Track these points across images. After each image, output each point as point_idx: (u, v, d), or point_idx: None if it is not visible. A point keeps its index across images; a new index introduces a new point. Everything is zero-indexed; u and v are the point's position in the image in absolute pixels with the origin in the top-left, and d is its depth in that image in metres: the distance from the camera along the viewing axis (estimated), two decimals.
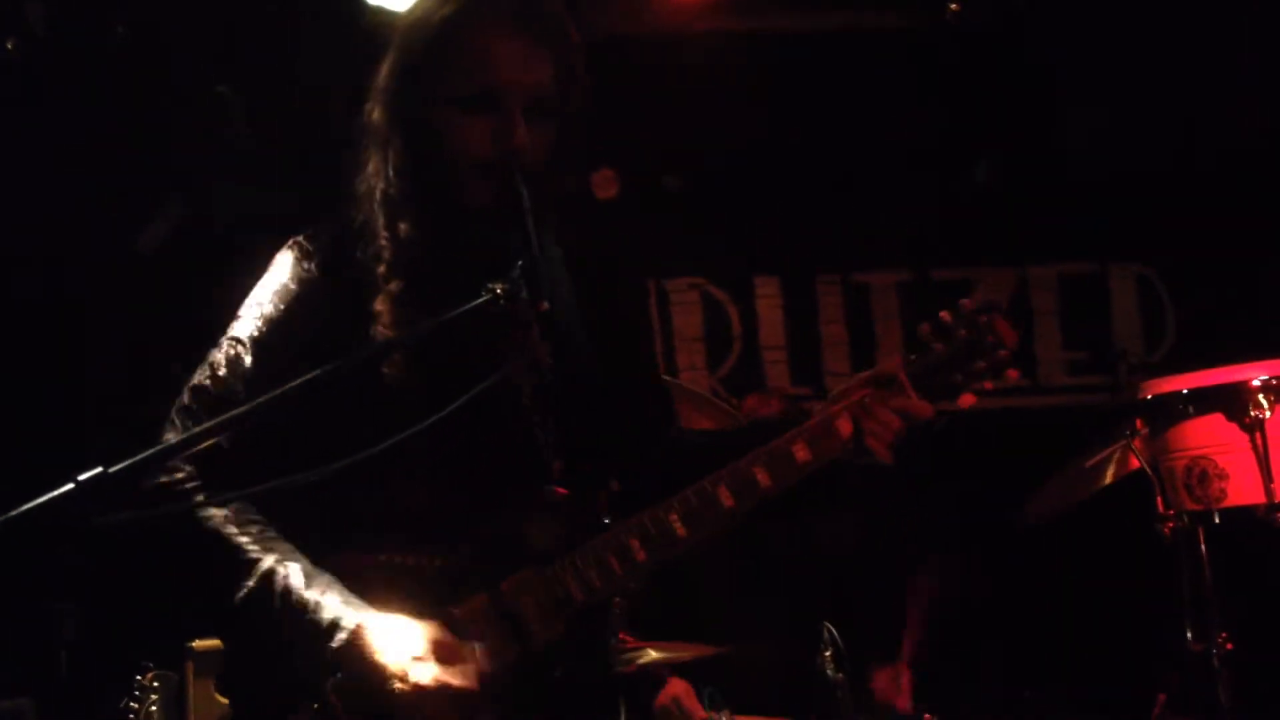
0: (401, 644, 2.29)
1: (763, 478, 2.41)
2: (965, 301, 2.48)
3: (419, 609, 2.34)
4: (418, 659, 2.28)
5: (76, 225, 5.43)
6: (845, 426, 2.43)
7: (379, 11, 5.19)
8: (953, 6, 6.16)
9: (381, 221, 2.48)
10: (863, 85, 6.49)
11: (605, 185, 6.38)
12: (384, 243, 2.47)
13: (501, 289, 2.23)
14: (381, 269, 2.45)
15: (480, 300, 2.23)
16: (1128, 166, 6.54)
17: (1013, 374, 2.45)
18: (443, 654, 2.30)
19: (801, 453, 2.42)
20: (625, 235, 6.27)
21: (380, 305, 2.43)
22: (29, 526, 1.82)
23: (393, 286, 2.43)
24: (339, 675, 2.28)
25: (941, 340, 2.46)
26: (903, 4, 6.48)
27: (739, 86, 6.36)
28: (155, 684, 3.98)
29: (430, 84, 2.46)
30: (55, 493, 1.84)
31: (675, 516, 2.40)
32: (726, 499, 2.41)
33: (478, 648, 2.33)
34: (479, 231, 2.45)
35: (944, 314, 2.47)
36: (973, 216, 6.60)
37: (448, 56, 2.45)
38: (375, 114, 2.52)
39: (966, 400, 2.44)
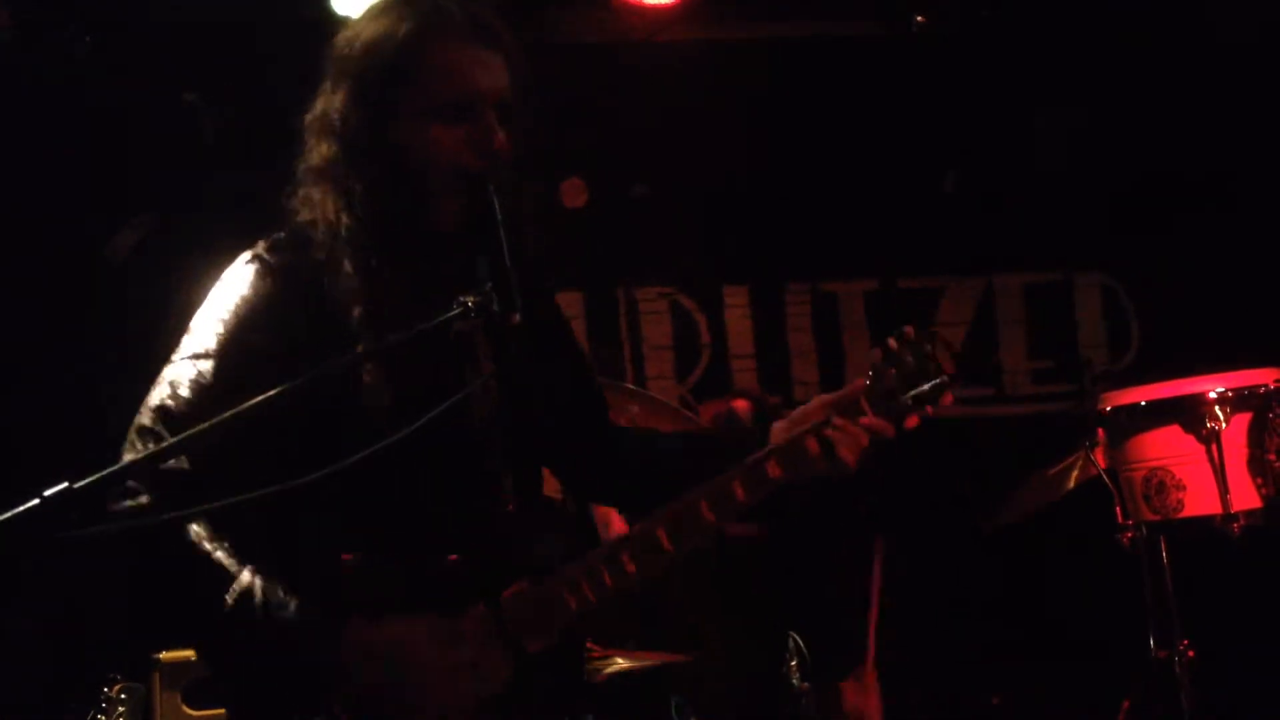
0: (405, 645, 2.31)
1: (740, 493, 2.49)
2: (908, 329, 2.61)
3: (411, 615, 2.35)
4: (425, 657, 2.31)
5: (44, 233, 5.42)
6: (813, 445, 2.53)
7: (346, 21, 5.21)
8: (918, 19, 6.20)
9: (349, 258, 2.45)
10: (830, 95, 6.53)
11: (574, 194, 6.39)
12: (356, 282, 2.44)
13: (473, 301, 2.24)
14: (358, 311, 2.42)
15: (452, 313, 2.24)
16: (1092, 177, 6.59)
17: (947, 398, 2.60)
18: (448, 651, 2.33)
19: (774, 470, 2.52)
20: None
21: (364, 348, 2.39)
22: None
23: (370, 331, 2.40)
24: (341, 685, 2.28)
25: (893, 365, 2.59)
26: (870, 14, 6.51)
27: (707, 96, 6.38)
28: (122, 695, 3.98)
29: (396, 102, 2.44)
30: (20, 508, 1.85)
31: (661, 530, 2.47)
32: (708, 513, 2.48)
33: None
34: (451, 249, 2.45)
35: (891, 340, 2.61)
36: (939, 226, 6.64)
37: (415, 71, 2.44)
38: (324, 148, 2.48)
39: (911, 422, 2.58)
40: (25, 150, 5.34)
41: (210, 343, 2.40)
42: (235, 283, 2.45)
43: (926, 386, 2.58)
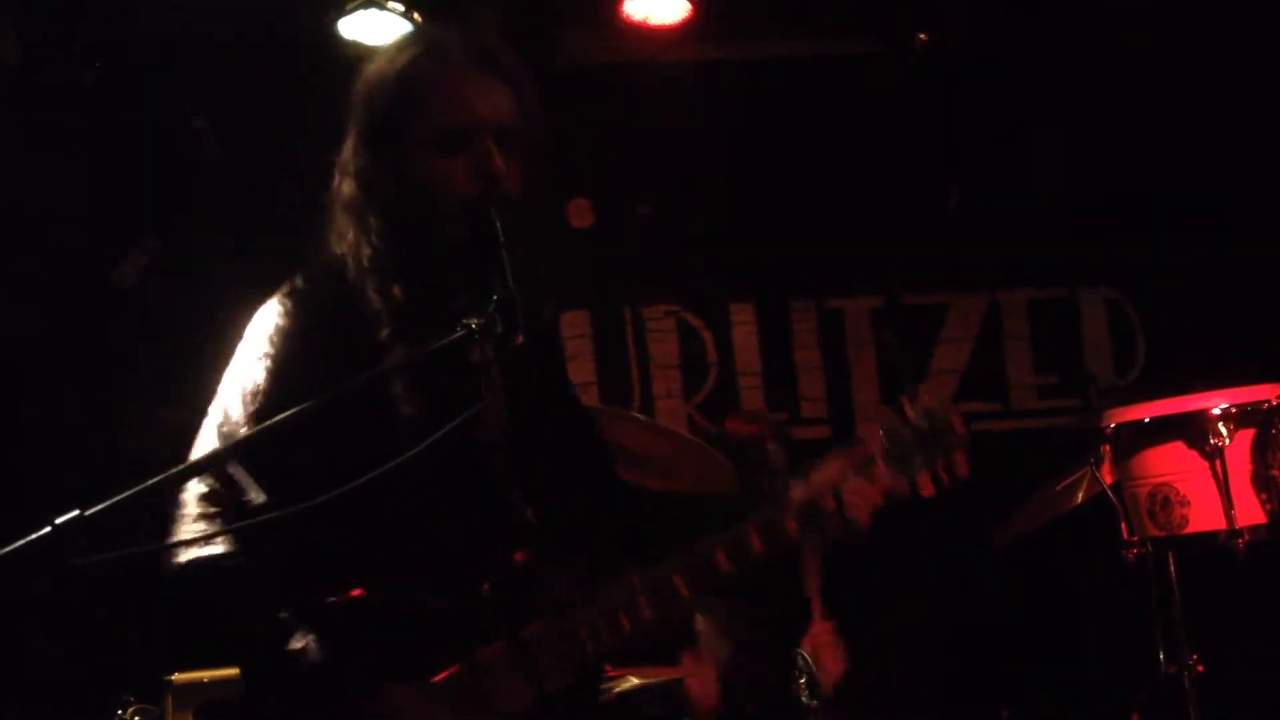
0: (437, 700, 2.37)
1: (756, 544, 2.53)
2: (922, 388, 2.63)
3: (434, 651, 2.41)
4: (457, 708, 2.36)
5: (52, 259, 5.44)
6: (830, 503, 2.55)
7: (355, 46, 5.24)
8: (921, 36, 6.23)
9: (373, 286, 2.51)
10: (835, 112, 6.55)
11: (580, 214, 6.42)
12: (379, 307, 2.50)
13: (476, 324, 2.26)
14: (384, 334, 2.48)
15: (455, 336, 2.26)
16: (1097, 191, 6.60)
17: (962, 466, 2.60)
18: (478, 698, 2.39)
19: (793, 528, 2.55)
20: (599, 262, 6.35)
21: (370, 372, 2.42)
22: (7, 571, 1.85)
23: (399, 352, 2.46)
24: None
25: (908, 427, 2.60)
26: (873, 31, 6.53)
27: (712, 114, 6.41)
28: (135, 718, 3.99)
29: (400, 136, 2.50)
30: (32, 536, 1.87)
31: (679, 578, 2.50)
32: (724, 563, 2.51)
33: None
34: (463, 273, 2.46)
35: (904, 400, 2.62)
36: (944, 242, 6.66)
37: (414, 103, 2.50)
38: (345, 187, 2.56)
39: (926, 491, 2.59)
40: (33, 174, 5.37)
41: (259, 376, 2.48)
42: (272, 315, 2.54)
43: (944, 458, 2.59)
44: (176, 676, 3.94)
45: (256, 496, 2.38)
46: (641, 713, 4.58)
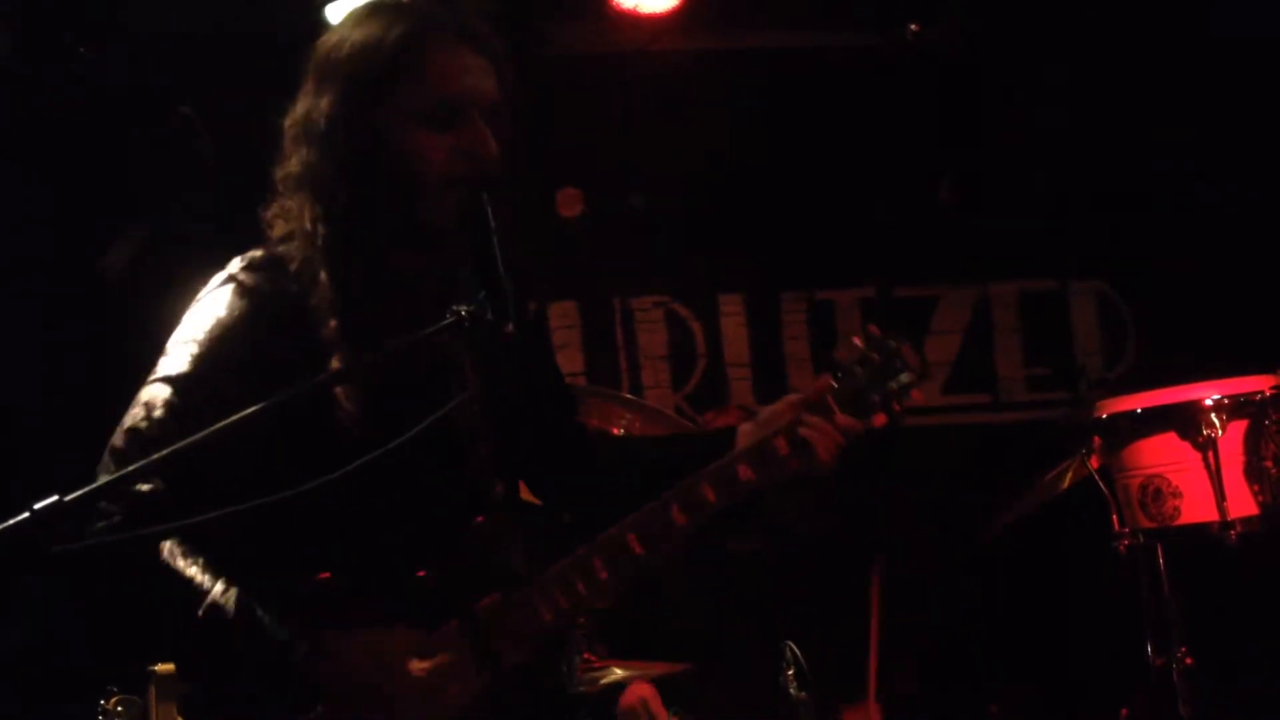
0: (380, 657, 2.31)
1: (710, 495, 2.49)
2: (873, 328, 2.63)
3: (386, 629, 2.34)
4: (400, 669, 2.31)
5: (38, 248, 5.42)
6: (782, 446, 2.53)
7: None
8: (913, 26, 6.21)
9: (324, 267, 2.42)
10: (825, 103, 6.54)
11: (570, 203, 6.39)
12: (329, 291, 2.41)
13: (466, 310, 2.20)
14: (332, 322, 2.39)
15: (444, 323, 2.20)
16: (1088, 184, 6.60)
17: (916, 395, 2.62)
18: (424, 663, 2.33)
19: (745, 473, 2.51)
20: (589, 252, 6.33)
21: (337, 362, 2.37)
22: None
23: (345, 342, 2.38)
24: (315, 697, 2.27)
25: (860, 364, 2.59)
26: (865, 23, 6.52)
27: (703, 105, 6.39)
28: (119, 708, 3.96)
29: (385, 105, 2.41)
30: (10, 521, 1.84)
31: (632, 535, 2.46)
32: (678, 516, 2.47)
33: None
34: (437, 257, 2.42)
35: (857, 340, 2.61)
36: (935, 234, 6.65)
37: (405, 74, 2.42)
38: (308, 154, 2.44)
39: (879, 420, 2.59)
40: (22, 164, 5.35)
41: (184, 365, 2.38)
42: (210, 304, 2.43)
43: (895, 384, 2.59)
44: (160, 666, 3.91)
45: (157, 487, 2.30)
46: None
